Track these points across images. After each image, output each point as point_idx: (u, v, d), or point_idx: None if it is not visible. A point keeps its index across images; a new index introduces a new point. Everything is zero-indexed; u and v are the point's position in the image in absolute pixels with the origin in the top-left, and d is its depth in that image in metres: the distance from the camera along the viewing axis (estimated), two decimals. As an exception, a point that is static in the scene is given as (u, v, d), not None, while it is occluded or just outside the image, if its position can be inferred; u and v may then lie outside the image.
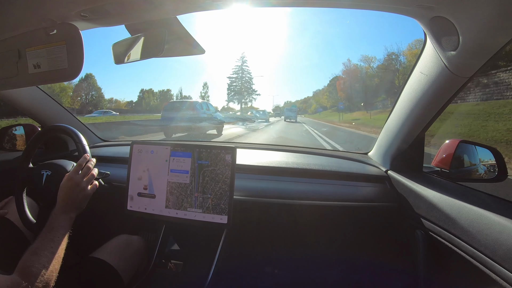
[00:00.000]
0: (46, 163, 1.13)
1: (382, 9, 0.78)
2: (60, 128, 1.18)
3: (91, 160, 1.03)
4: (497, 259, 0.70)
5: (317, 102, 58.76)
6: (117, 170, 1.32)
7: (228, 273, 1.22)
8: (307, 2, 0.82)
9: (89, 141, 1.17)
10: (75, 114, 1.79)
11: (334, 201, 1.23)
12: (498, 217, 0.75)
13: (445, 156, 1.11)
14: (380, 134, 1.37)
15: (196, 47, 0.99)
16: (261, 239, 1.43)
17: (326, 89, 54.09)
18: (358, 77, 41.28)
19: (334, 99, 48.64)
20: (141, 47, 0.90)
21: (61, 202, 0.91)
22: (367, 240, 1.37)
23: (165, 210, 1.14)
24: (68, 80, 0.78)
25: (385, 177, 1.30)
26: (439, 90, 0.95)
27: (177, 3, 0.78)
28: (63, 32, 0.75)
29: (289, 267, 1.46)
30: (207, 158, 1.12)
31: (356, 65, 43.00)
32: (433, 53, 0.88)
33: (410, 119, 1.11)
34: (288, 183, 1.31)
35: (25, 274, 0.72)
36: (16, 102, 1.45)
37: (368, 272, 1.37)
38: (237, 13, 0.89)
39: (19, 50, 0.80)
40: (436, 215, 0.95)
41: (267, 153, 1.62)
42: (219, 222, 1.09)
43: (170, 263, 1.15)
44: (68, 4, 0.72)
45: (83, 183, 0.96)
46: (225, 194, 1.09)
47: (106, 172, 1.15)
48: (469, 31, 0.71)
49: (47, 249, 0.79)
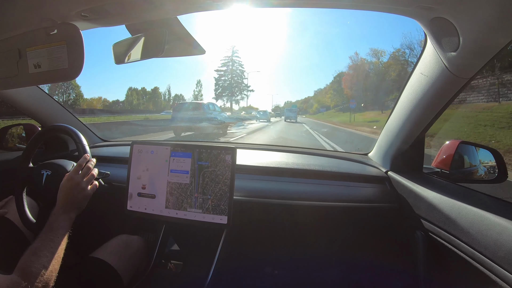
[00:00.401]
0: (46, 162, 1.13)
1: (382, 10, 0.78)
2: (60, 128, 1.18)
3: (91, 160, 1.03)
4: (497, 260, 0.70)
5: (318, 102, 54.17)
6: (117, 170, 1.32)
7: (228, 273, 1.22)
8: (307, 3, 0.82)
9: (89, 141, 1.17)
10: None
11: (334, 201, 1.23)
12: (498, 218, 0.75)
13: (445, 157, 1.10)
14: (380, 135, 1.37)
15: (197, 48, 0.99)
16: (261, 240, 1.43)
17: (329, 87, 49.37)
18: (368, 73, 36.68)
19: (338, 98, 43.88)
20: (142, 47, 0.89)
21: (61, 202, 0.91)
22: (367, 241, 1.37)
23: (165, 210, 1.14)
24: (69, 80, 0.78)
25: (385, 178, 1.30)
26: (440, 91, 0.95)
27: (178, 3, 0.78)
28: (64, 32, 0.75)
29: (289, 268, 1.46)
30: (207, 159, 1.12)
31: (364, 60, 38.20)
32: (434, 54, 0.88)
33: (410, 120, 1.11)
34: (288, 183, 1.31)
35: (24, 274, 0.72)
36: (17, 102, 1.45)
37: (368, 272, 1.37)
38: (237, 13, 0.89)
39: (20, 50, 0.80)
40: (436, 216, 0.95)
41: (267, 154, 1.62)
42: (219, 222, 1.09)
43: (170, 263, 1.15)
44: (69, 4, 0.72)
45: (83, 183, 0.96)
46: (225, 195, 1.09)
47: (106, 172, 1.15)
48: (470, 32, 0.71)
49: (47, 249, 0.79)
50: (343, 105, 39.84)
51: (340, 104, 42.41)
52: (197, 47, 0.99)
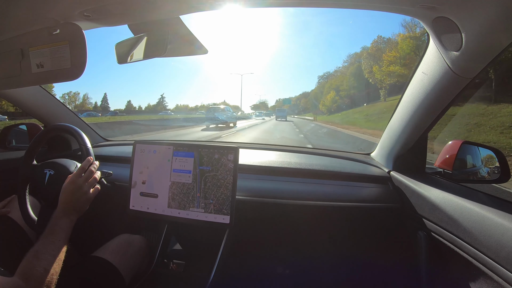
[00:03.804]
0: (49, 162, 1.13)
1: (385, 10, 0.77)
2: (63, 127, 1.19)
3: (94, 163, 1.03)
4: (500, 261, 0.70)
5: (335, 88, 36.00)
6: (119, 170, 1.32)
7: (230, 273, 1.22)
8: (311, 2, 0.82)
9: (92, 140, 1.17)
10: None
11: (336, 201, 1.23)
12: (501, 219, 0.75)
13: (448, 157, 1.10)
14: (383, 135, 1.37)
15: (199, 47, 0.99)
16: (264, 240, 1.43)
17: (343, 71, 35.74)
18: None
19: (358, 86, 31.06)
20: (144, 47, 0.90)
21: (62, 205, 0.91)
22: (369, 241, 1.37)
23: (168, 209, 1.14)
24: (71, 80, 0.78)
25: (388, 178, 1.29)
26: (442, 91, 0.94)
27: (180, 3, 0.78)
28: (66, 31, 0.76)
29: (292, 268, 1.46)
30: (208, 164, 1.12)
31: (390, 39, 29.09)
32: (436, 54, 0.87)
33: (412, 120, 1.10)
34: (291, 183, 1.31)
35: (26, 277, 0.72)
36: (19, 102, 1.46)
37: (370, 272, 1.36)
38: (231, 13, 0.89)
39: (22, 49, 0.80)
40: (439, 216, 0.95)
41: (269, 153, 1.62)
42: (222, 222, 1.09)
43: (172, 263, 1.16)
44: (71, 4, 0.73)
45: (85, 186, 0.96)
46: (227, 199, 1.09)
47: (108, 172, 1.15)
48: (472, 31, 0.70)
49: (48, 252, 0.79)
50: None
51: (357, 94, 29.56)
52: (200, 47, 0.99)
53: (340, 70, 41.68)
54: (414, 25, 24.91)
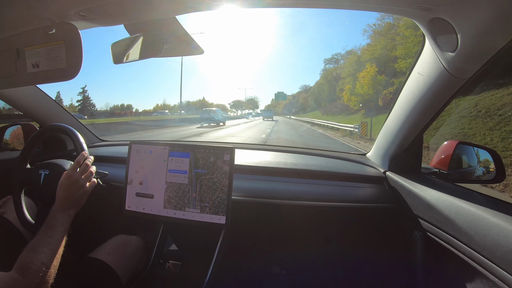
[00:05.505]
0: (44, 162, 1.13)
1: (381, 10, 0.78)
2: (58, 127, 1.18)
3: (89, 158, 1.03)
4: (495, 260, 0.71)
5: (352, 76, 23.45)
6: (115, 170, 1.32)
7: (226, 273, 1.22)
8: (308, 3, 0.82)
9: (87, 141, 1.16)
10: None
11: (332, 201, 1.23)
12: (496, 219, 0.75)
13: (443, 157, 1.11)
14: (379, 135, 1.37)
15: (195, 48, 0.99)
16: (260, 240, 1.43)
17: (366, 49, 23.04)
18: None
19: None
20: (140, 47, 0.89)
21: (60, 199, 0.91)
22: (365, 241, 1.37)
23: (163, 210, 1.13)
24: (67, 80, 0.78)
25: (383, 178, 1.30)
26: (438, 91, 0.95)
27: (176, 3, 0.77)
28: (62, 31, 0.75)
29: (288, 268, 1.46)
30: (204, 167, 1.12)
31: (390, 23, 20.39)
32: (432, 54, 0.88)
33: (408, 120, 1.11)
34: (287, 183, 1.31)
35: (23, 271, 0.72)
36: (15, 102, 1.44)
37: (366, 272, 1.37)
38: (225, 12, 0.88)
39: (18, 49, 0.80)
40: (434, 216, 0.95)
41: (265, 154, 1.62)
42: (217, 222, 1.09)
43: (168, 263, 1.15)
44: (67, 4, 0.72)
45: (82, 180, 0.96)
46: (222, 202, 1.09)
47: (104, 172, 1.14)
48: (468, 32, 0.71)
49: (46, 246, 0.78)
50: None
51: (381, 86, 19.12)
52: (196, 47, 0.99)
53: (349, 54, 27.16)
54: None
